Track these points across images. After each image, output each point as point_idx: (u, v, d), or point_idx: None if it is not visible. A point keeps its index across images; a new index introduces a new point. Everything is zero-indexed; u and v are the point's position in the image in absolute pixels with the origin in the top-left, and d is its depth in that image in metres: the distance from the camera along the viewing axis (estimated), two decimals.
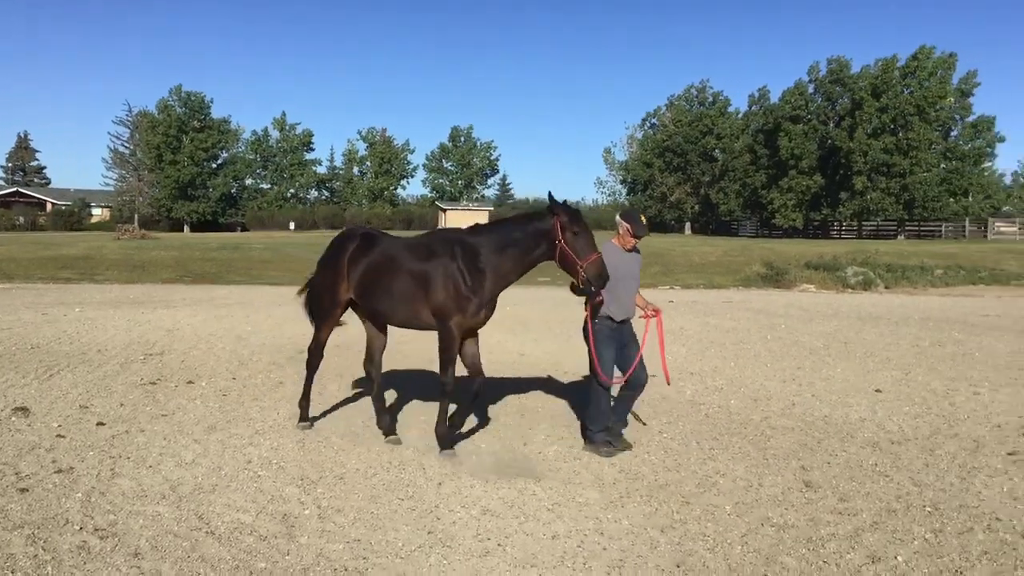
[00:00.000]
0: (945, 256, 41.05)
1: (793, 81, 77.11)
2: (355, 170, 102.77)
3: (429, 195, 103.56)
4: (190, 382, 11.15)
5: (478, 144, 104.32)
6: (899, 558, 5.56)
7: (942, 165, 66.69)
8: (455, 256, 7.70)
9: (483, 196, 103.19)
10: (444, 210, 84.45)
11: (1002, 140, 67.76)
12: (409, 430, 8.77)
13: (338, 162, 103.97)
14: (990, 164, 69.96)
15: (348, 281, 8.24)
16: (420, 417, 9.30)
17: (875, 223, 72.52)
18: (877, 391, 11.28)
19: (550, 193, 7.64)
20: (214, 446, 8.03)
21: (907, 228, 69.24)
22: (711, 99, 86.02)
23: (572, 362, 12.90)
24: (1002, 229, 64.68)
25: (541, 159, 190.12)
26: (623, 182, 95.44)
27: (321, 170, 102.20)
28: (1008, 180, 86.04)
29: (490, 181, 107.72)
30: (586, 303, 7.90)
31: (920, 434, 8.93)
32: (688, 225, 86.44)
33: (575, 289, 7.58)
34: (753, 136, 79.22)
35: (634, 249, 8.05)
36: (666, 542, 5.81)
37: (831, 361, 13.85)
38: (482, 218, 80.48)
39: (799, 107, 72.80)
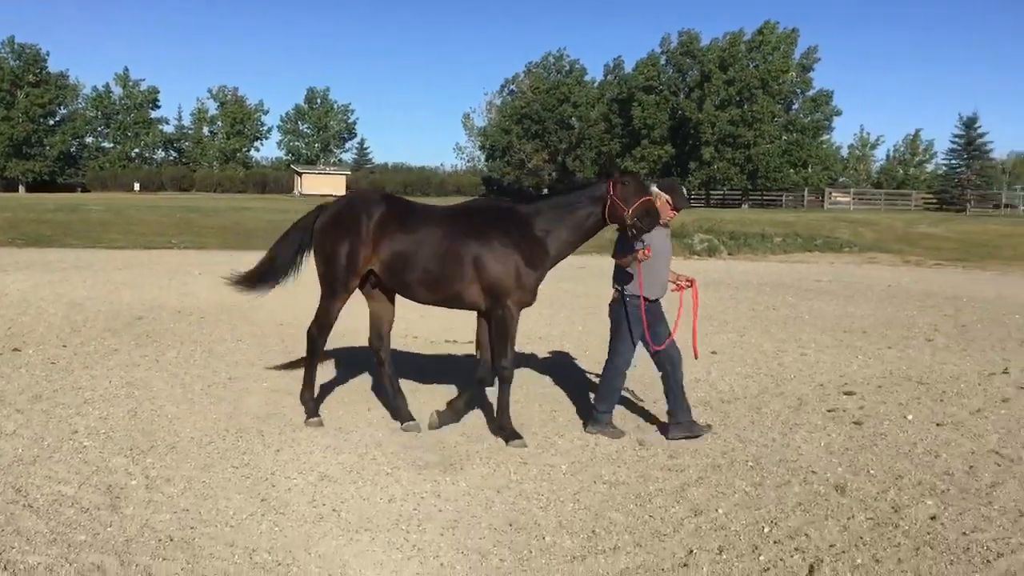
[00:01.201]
0: (784, 224, 42.94)
1: (647, 52, 78.96)
2: (205, 130, 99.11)
3: (284, 158, 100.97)
4: (16, 350, 10.57)
5: (335, 107, 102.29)
6: (719, 510, 5.84)
7: (784, 137, 69.84)
8: (510, 227, 7.23)
9: (340, 160, 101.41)
10: (300, 174, 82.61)
11: (839, 114, 71.77)
12: (250, 396, 8.58)
13: (186, 121, 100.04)
14: (828, 136, 73.89)
15: (375, 251, 7.35)
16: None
17: (722, 192, 75.30)
18: (713, 353, 11.74)
19: (609, 156, 7.52)
20: (38, 416, 7.64)
21: (751, 197, 72.25)
22: (568, 67, 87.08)
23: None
24: (838, 199, 68.32)
25: (400, 124, 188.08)
26: (482, 148, 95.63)
27: (168, 129, 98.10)
28: (844, 152, 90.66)
29: (348, 145, 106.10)
30: (617, 278, 7.42)
31: (749, 393, 9.39)
32: (545, 192, 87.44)
33: (622, 247, 7.21)
34: (608, 105, 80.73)
35: (665, 224, 7.49)
36: (501, 502, 5.91)
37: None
38: (339, 183, 79.17)
39: (651, 78, 74.60)
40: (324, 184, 76.52)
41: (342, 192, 76.05)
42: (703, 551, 5.17)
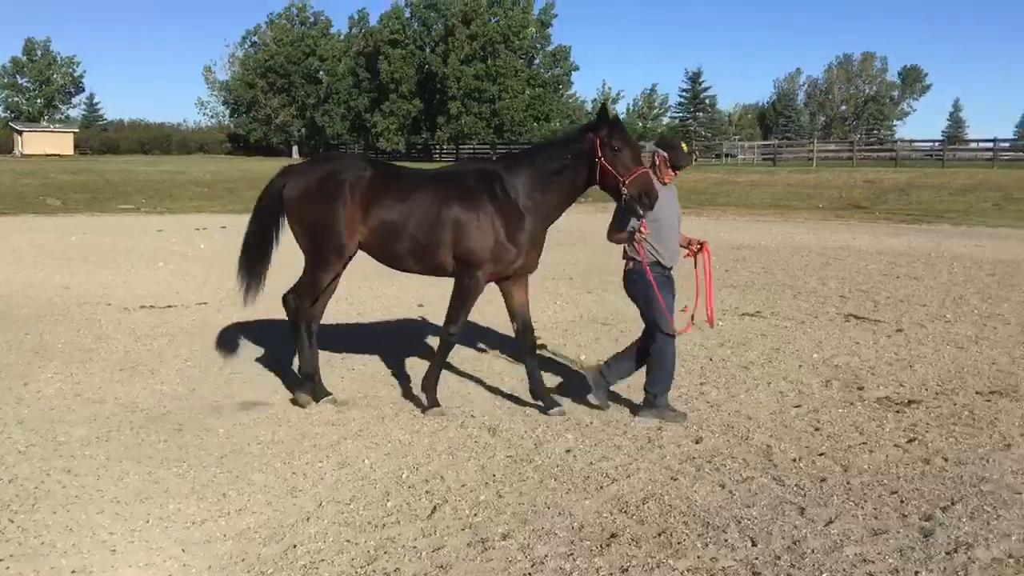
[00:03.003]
0: None
1: (391, 5, 78.15)
2: None
3: (3, 115, 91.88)
4: None
5: (58, 59, 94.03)
6: (366, 461, 5.91)
7: (527, 92, 71.53)
8: (492, 194, 6.77)
9: (67, 117, 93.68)
10: (20, 132, 75.69)
11: (576, 69, 74.60)
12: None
13: None
14: (570, 91, 76.63)
15: (365, 219, 6.88)
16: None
17: (471, 146, 76.38)
18: (420, 306, 11.88)
19: (603, 104, 6.72)
20: None
21: (499, 151, 73.65)
22: (312, 19, 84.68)
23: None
24: None
25: (135, 77, 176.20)
26: (225, 103, 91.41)
27: None
28: (589, 107, 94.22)
29: (75, 101, 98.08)
30: (628, 246, 6.81)
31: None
32: (296, 148, 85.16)
33: (615, 224, 6.80)
34: (355, 59, 79.36)
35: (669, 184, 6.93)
36: (136, 472, 5.68)
37: (384, 281, 14.36)
38: (66, 141, 73.27)
39: (396, 31, 74.03)
40: (48, 143, 70.69)
41: (69, 151, 71.07)
42: (333, 502, 5.21)
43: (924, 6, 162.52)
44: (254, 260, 7.46)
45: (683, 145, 6.96)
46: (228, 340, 9.39)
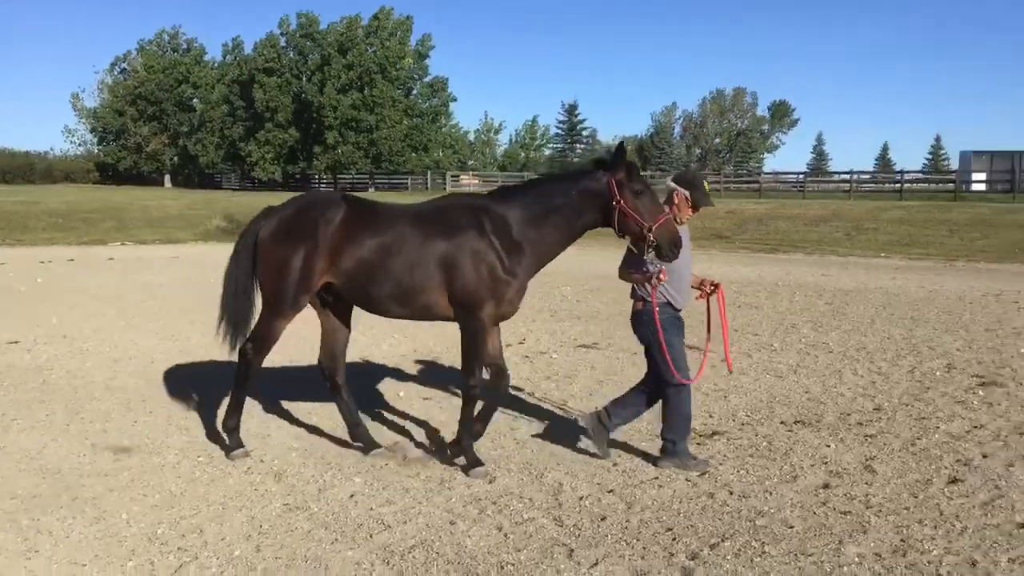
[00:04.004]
0: None
1: (265, 33, 76.87)
2: None
3: None
4: None
5: None
6: (124, 516, 5.51)
7: (405, 122, 71.26)
8: (484, 229, 6.25)
9: None
10: None
11: (454, 100, 74.88)
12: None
13: None
14: (451, 121, 76.78)
15: (332, 260, 6.31)
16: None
17: (350, 176, 75.58)
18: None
19: (621, 143, 6.23)
20: None
21: (377, 181, 73.13)
22: (185, 46, 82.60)
23: None
24: (464, 181, 71.37)
25: None
26: (93, 131, 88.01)
27: None
28: (472, 137, 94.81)
29: None
30: (635, 289, 6.51)
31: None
32: (168, 177, 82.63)
33: (630, 263, 6.35)
34: (229, 87, 77.67)
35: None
36: None
37: None
38: None
39: (272, 59, 72.77)
40: None
41: None
42: (68, 564, 4.82)
43: (791, 43, 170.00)
44: (237, 308, 6.75)
45: (705, 184, 6.63)
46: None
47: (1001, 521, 5.44)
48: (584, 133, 77.43)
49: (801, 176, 59.42)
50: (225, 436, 6.83)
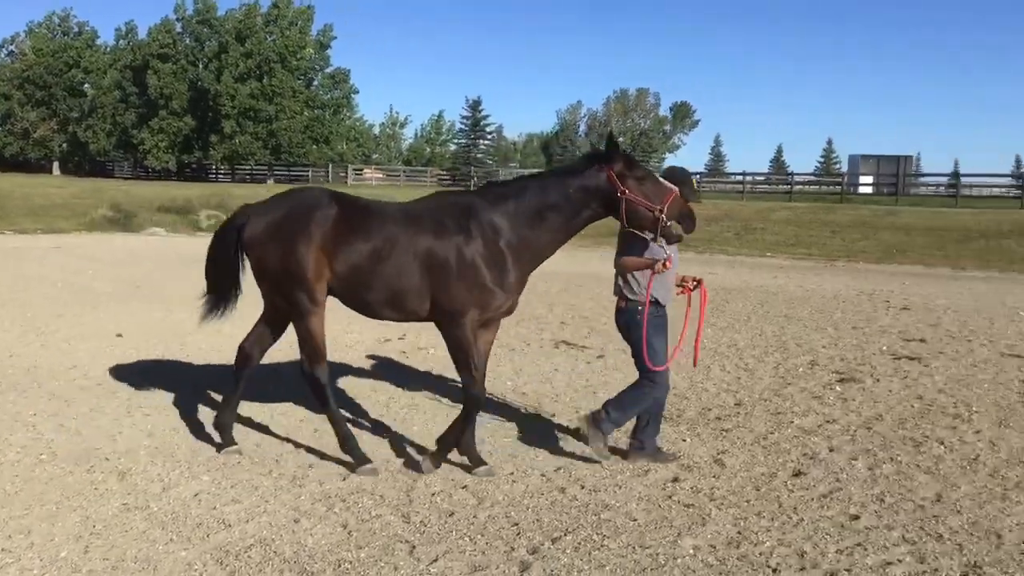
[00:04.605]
0: None
1: (161, 18, 74.64)
2: None
3: None
4: None
5: None
6: None
7: (305, 113, 70.14)
8: (472, 232, 5.98)
9: None
10: None
11: (356, 92, 74.12)
12: None
13: None
14: (350, 113, 75.85)
15: (330, 261, 6.03)
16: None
17: (249, 167, 74.02)
18: (118, 335, 11.08)
19: (610, 134, 6.09)
20: None
21: (277, 172, 71.77)
22: (76, 29, 79.66)
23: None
24: (367, 175, 70.69)
25: None
26: None
27: None
28: (377, 131, 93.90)
29: None
30: (618, 286, 6.52)
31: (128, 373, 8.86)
32: (57, 165, 79.50)
33: (629, 250, 6.31)
34: (122, 72, 75.11)
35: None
36: None
37: (99, 306, 13.39)
38: None
39: (167, 45, 70.79)
40: None
41: None
42: None
43: (693, 46, 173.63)
44: (221, 286, 6.84)
45: (693, 181, 6.62)
46: None
47: (835, 513, 5.62)
48: (488, 129, 77.43)
49: (698, 176, 60.74)
50: (351, 459, 6.36)
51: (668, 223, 5.88)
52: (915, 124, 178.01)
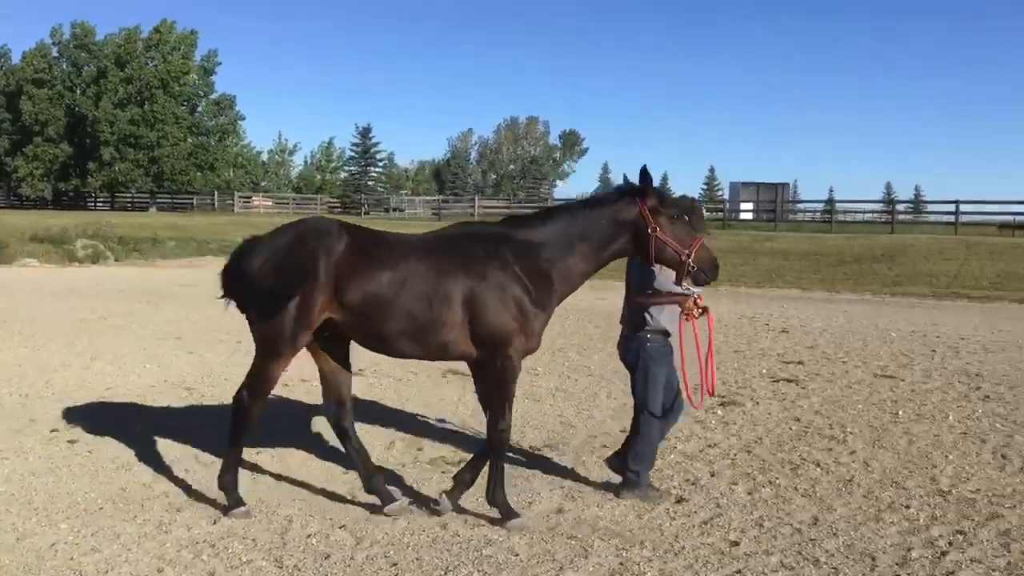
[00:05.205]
0: (181, 229, 41.94)
1: (35, 42, 71.86)
2: None
3: None
4: None
5: None
6: None
7: (189, 140, 68.34)
8: (507, 260, 5.75)
9: None
10: None
11: (243, 119, 72.81)
12: None
13: None
14: (237, 140, 74.37)
15: (335, 295, 5.65)
16: None
17: (130, 195, 71.64)
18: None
19: (644, 168, 5.78)
20: None
21: (160, 200, 69.66)
22: None
23: None
24: (255, 202, 69.16)
25: None
26: None
27: None
28: (265, 157, 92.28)
29: None
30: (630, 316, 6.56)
31: None
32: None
33: (646, 278, 6.23)
34: None
35: None
36: None
37: None
38: None
39: (42, 70, 68.19)
40: None
41: None
42: None
43: (580, 76, 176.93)
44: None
45: (702, 210, 6.51)
46: None
47: (716, 540, 5.65)
48: (378, 156, 76.94)
49: None
50: (224, 494, 6.05)
51: (695, 267, 5.81)
52: (792, 152, 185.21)
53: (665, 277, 6.19)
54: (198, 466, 7.06)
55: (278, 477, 6.90)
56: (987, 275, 24.83)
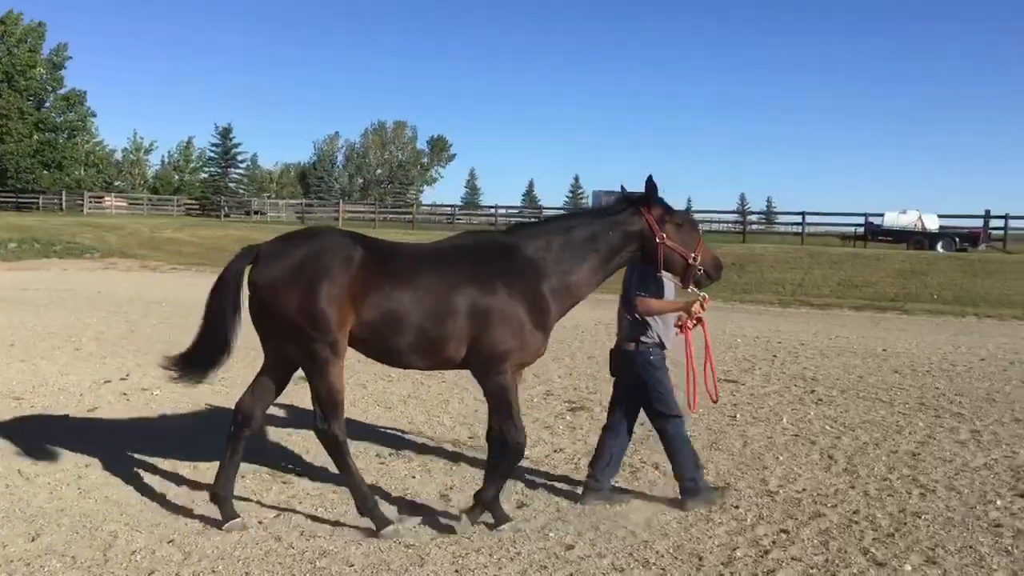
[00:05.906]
0: (23, 229, 39.86)
1: None
2: None
3: None
4: None
5: None
6: None
7: (35, 136, 64.93)
8: (513, 274, 5.67)
9: None
10: None
11: (94, 115, 69.74)
12: None
13: None
14: (88, 137, 71.09)
15: (356, 307, 5.46)
16: None
17: None
18: None
19: (650, 178, 5.81)
20: None
21: (3, 200, 65.71)
22: None
23: None
24: (108, 202, 66.16)
25: None
26: None
27: None
28: (119, 156, 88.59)
29: None
30: (630, 329, 6.44)
31: None
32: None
33: (643, 285, 6.21)
34: None
35: None
36: None
37: None
38: None
39: None
40: None
41: None
42: None
43: (448, 82, 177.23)
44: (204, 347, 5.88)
45: (691, 216, 6.52)
46: None
47: (552, 544, 5.71)
48: (240, 158, 75.03)
49: (452, 209, 62.14)
50: (372, 521, 5.79)
51: (700, 270, 5.93)
52: (653, 163, 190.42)
53: (668, 284, 6.28)
54: (21, 480, 6.68)
55: (108, 487, 6.59)
56: (828, 283, 26.18)
